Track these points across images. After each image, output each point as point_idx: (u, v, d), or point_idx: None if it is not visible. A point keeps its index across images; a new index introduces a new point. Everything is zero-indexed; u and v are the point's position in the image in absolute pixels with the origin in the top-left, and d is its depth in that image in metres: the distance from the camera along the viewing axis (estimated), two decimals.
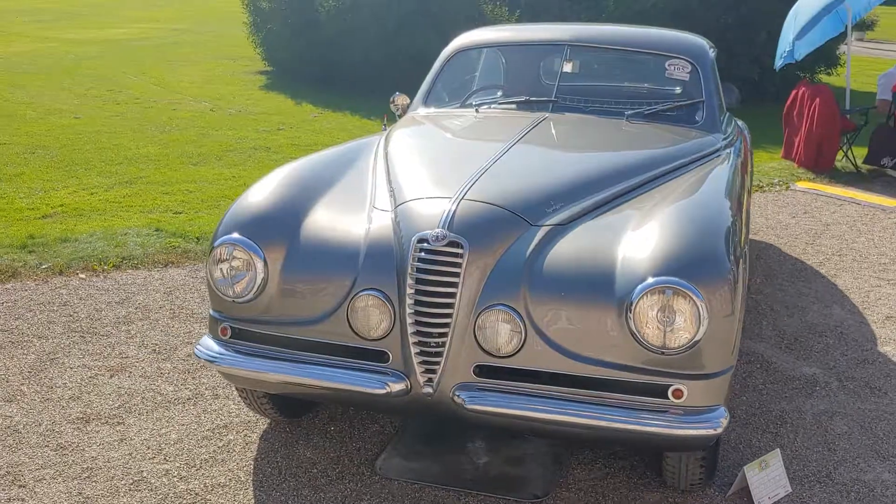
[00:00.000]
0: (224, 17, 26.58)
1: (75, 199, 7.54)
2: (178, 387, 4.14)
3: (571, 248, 3.10)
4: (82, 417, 3.85)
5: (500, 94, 4.81)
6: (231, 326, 3.31)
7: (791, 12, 9.41)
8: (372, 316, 3.09)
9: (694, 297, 2.80)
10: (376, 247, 3.17)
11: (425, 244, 3.03)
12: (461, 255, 2.99)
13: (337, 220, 3.37)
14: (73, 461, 3.52)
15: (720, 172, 3.86)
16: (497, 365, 3.00)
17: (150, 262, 5.83)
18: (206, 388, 4.13)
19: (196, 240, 6.25)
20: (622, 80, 4.96)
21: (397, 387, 3.06)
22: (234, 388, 4.09)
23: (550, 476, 3.48)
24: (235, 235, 3.26)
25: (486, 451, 3.64)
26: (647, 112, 4.43)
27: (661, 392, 2.91)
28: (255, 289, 3.21)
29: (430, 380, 3.04)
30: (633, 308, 2.85)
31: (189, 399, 4.03)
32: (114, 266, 5.72)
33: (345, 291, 3.13)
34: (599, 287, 2.95)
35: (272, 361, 3.24)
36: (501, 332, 2.97)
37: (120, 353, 4.47)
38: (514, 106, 4.59)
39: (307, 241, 3.27)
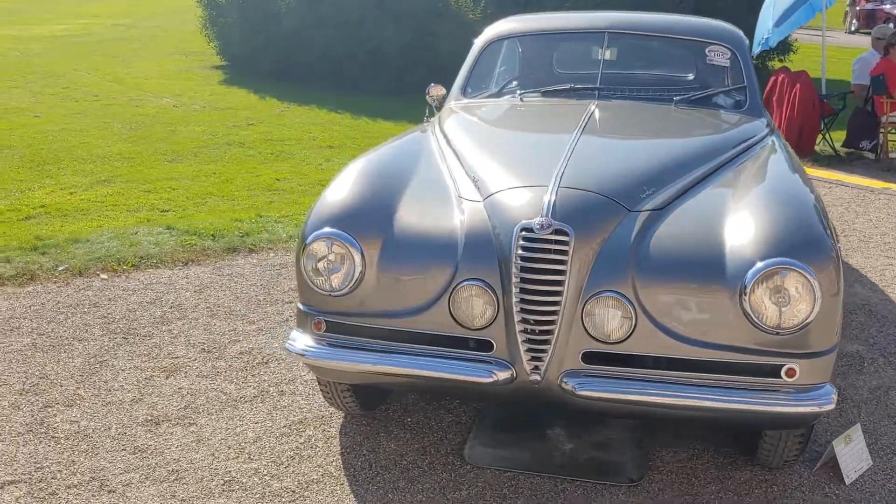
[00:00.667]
0: (167, 12, 26.15)
1: (55, 200, 7.34)
2: (239, 385, 4.07)
3: (673, 232, 3.13)
4: (151, 419, 3.76)
5: (540, 82, 4.81)
6: (326, 320, 3.27)
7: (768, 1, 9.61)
8: (475, 305, 3.08)
9: (808, 277, 2.86)
10: (474, 237, 3.16)
11: (529, 233, 3.03)
12: (567, 243, 3.00)
13: (426, 212, 3.35)
14: (155, 464, 3.44)
15: (783, 156, 3.94)
16: (606, 351, 3.03)
17: (169, 260, 5.71)
18: (269, 385, 4.07)
19: (212, 237, 6.14)
20: (660, 66, 5.01)
21: (503, 375, 3.06)
22: (300, 384, 4.05)
23: (641, 460, 3.52)
24: (330, 229, 3.22)
25: (568, 437, 3.66)
26: (693, 98, 4.48)
27: (773, 372, 2.95)
28: (352, 282, 3.18)
29: (536, 367, 3.04)
30: (747, 290, 2.89)
31: (255, 397, 3.96)
32: (133, 266, 5.59)
33: (445, 282, 3.12)
34: (709, 270, 2.99)
35: (373, 353, 3.21)
36: (612, 319, 2.99)
37: (169, 354, 4.37)
38: (558, 94, 4.60)
39: (401, 233, 3.25)
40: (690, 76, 4.87)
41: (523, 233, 3.03)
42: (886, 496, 3.33)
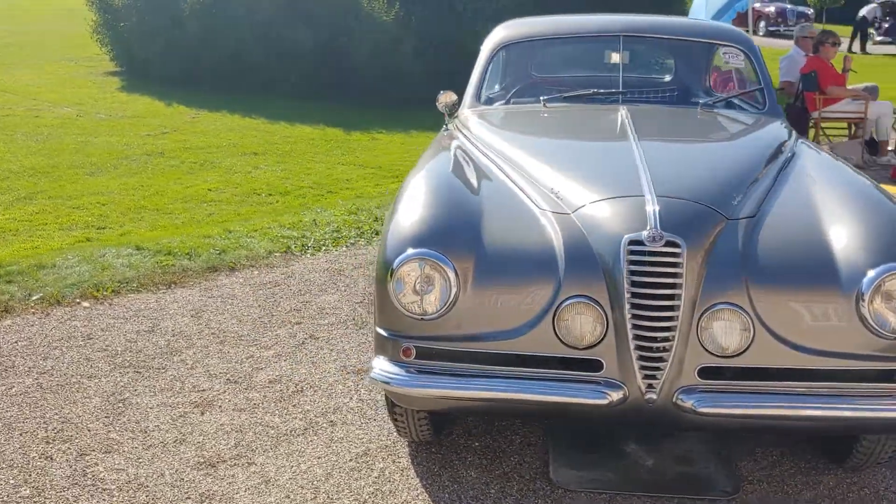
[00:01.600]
0: (52, 16, 24.90)
1: None
2: (284, 418, 3.80)
3: (778, 240, 3.08)
4: (204, 461, 3.46)
5: (558, 87, 4.70)
6: (416, 346, 3.07)
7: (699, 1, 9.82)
8: (584, 324, 2.95)
9: None
10: (574, 251, 3.02)
11: (639, 245, 2.92)
12: (680, 255, 2.90)
13: (511, 226, 3.20)
14: None
15: (826, 156, 3.97)
16: (722, 365, 2.94)
17: (150, 283, 5.34)
18: (315, 416, 3.82)
19: (187, 256, 5.78)
20: (675, 69, 4.98)
21: (616, 395, 2.95)
22: (347, 413, 3.82)
23: (730, 471, 3.45)
24: (420, 249, 3.01)
25: (647, 452, 3.57)
26: (715, 101, 4.47)
27: (889, 377, 2.94)
28: (446, 304, 2.99)
29: (651, 386, 2.93)
30: (865, 296, 2.86)
31: (306, 429, 3.71)
32: (113, 291, 5.20)
33: (548, 300, 2.98)
34: (823, 277, 2.95)
35: (473, 379, 3.04)
36: (730, 331, 2.91)
37: (193, 387, 4.06)
38: (580, 99, 4.51)
39: (493, 249, 3.08)
40: (706, 79, 4.86)
41: (631, 246, 2.92)
42: None
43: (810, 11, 26.31)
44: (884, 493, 3.35)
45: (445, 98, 4.77)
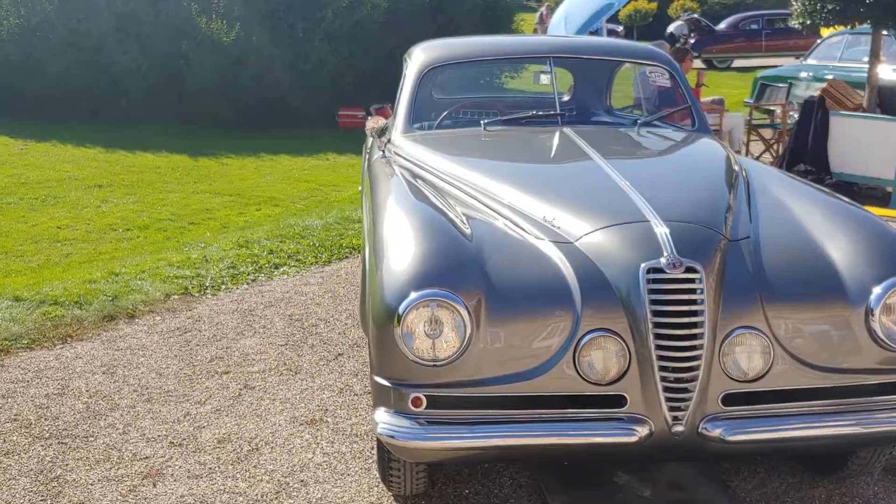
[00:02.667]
0: None
1: None
2: (249, 482, 3.45)
3: (780, 260, 3.05)
4: None
5: (492, 110, 4.57)
6: (426, 395, 2.84)
7: (559, 17, 9.96)
8: (608, 358, 2.82)
9: None
10: (589, 282, 2.89)
11: (658, 273, 2.82)
12: (699, 281, 2.82)
13: (513, 259, 3.02)
14: None
15: (774, 169, 4.03)
16: (744, 391, 2.88)
17: (43, 338, 4.78)
18: (282, 476, 3.48)
19: (76, 305, 5.22)
20: (603, 89, 4.95)
21: (643, 431, 2.83)
22: (315, 470, 3.53)
23: (724, 493, 3.41)
24: (427, 290, 2.78)
25: (639, 482, 3.47)
26: (649, 121, 4.46)
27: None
28: (461, 347, 2.78)
29: (677, 418, 2.83)
30: (875, 311, 2.88)
31: (278, 492, 3.37)
32: (2, 351, 4.61)
33: (567, 335, 2.83)
34: (832, 295, 2.95)
35: (490, 427, 2.84)
36: (753, 355, 2.86)
37: (133, 455, 3.62)
38: (519, 122, 4.39)
39: (501, 285, 2.89)
40: (635, 98, 4.86)
41: (650, 274, 2.82)
42: None
43: (620, 29, 27.53)
44: (874, 500, 3.40)
45: (373, 123, 4.53)
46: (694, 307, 2.81)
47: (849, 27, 9.73)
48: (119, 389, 4.21)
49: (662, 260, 2.84)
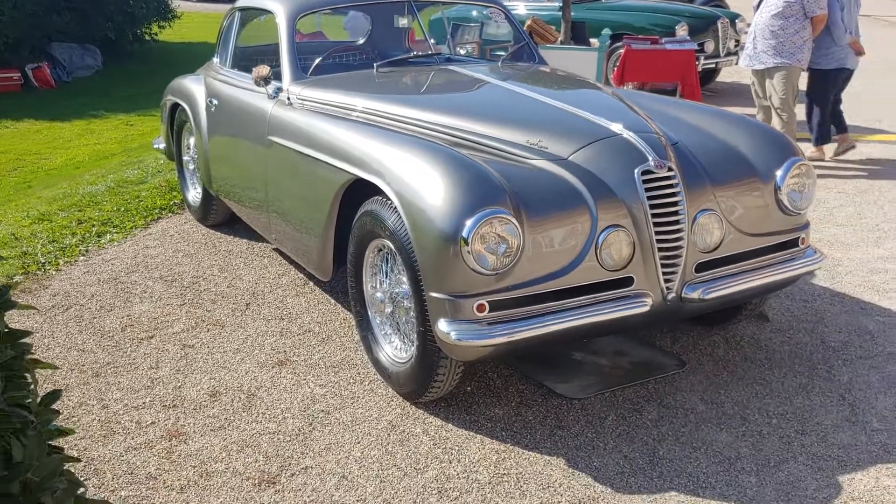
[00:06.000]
0: None
1: None
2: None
3: (707, 155, 3.81)
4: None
5: (368, 53, 4.85)
6: (489, 301, 3.26)
7: None
8: (621, 249, 3.44)
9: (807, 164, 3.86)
10: (594, 188, 3.46)
11: (649, 174, 3.48)
12: (676, 176, 3.53)
13: (526, 178, 3.47)
14: None
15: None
16: (707, 259, 3.64)
17: None
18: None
19: None
20: (454, 31, 5.39)
21: (650, 301, 3.50)
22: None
23: (668, 352, 4.19)
24: (487, 209, 3.20)
25: (595, 356, 4.14)
26: (507, 56, 5.04)
27: (794, 242, 3.91)
28: (514, 255, 3.24)
29: (669, 288, 3.54)
30: (781, 187, 3.77)
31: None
32: None
33: (587, 235, 3.40)
34: (751, 178, 3.79)
35: (538, 318, 3.33)
36: (713, 231, 3.62)
37: (166, 430, 3.57)
38: (403, 63, 4.76)
39: (531, 199, 3.36)
40: (486, 37, 5.38)
41: (644, 175, 3.47)
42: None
43: None
44: (756, 335, 4.37)
45: (260, 71, 4.62)
46: (675, 199, 3.50)
47: None
48: (54, 374, 4.01)
49: (651, 162, 3.49)
